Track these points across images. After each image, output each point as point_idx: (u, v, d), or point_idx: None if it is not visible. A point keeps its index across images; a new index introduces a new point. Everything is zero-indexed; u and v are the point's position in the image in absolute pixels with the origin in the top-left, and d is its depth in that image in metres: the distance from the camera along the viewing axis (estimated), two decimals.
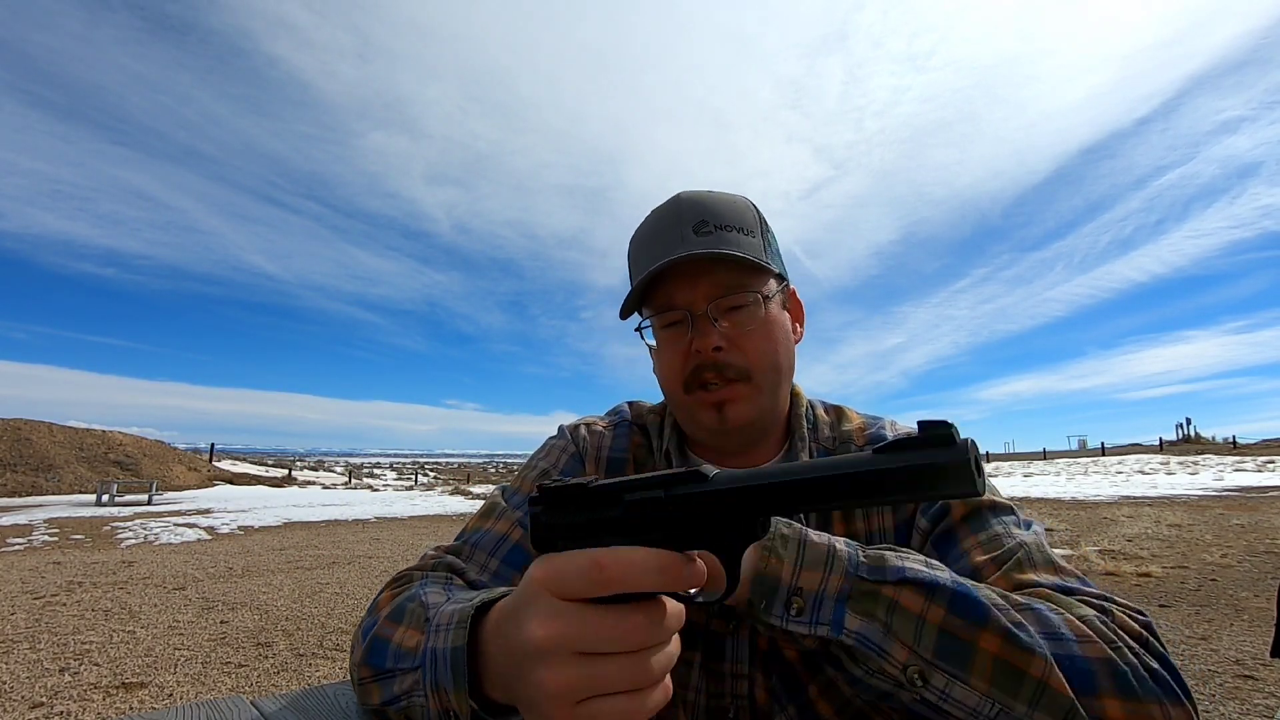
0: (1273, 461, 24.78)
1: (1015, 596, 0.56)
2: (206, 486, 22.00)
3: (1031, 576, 0.64)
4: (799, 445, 0.83)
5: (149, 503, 16.24)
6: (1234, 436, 39.62)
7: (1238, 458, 28.13)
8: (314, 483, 26.28)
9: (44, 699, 3.39)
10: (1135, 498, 15.15)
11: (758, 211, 0.83)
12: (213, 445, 29.47)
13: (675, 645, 0.42)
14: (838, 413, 0.88)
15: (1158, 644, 0.55)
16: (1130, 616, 0.57)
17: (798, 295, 0.87)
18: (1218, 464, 25.65)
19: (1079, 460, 34.74)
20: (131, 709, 3.29)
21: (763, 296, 0.77)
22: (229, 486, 22.58)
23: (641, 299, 0.82)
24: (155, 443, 25.16)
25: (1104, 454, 39.88)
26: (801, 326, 0.87)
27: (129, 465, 21.75)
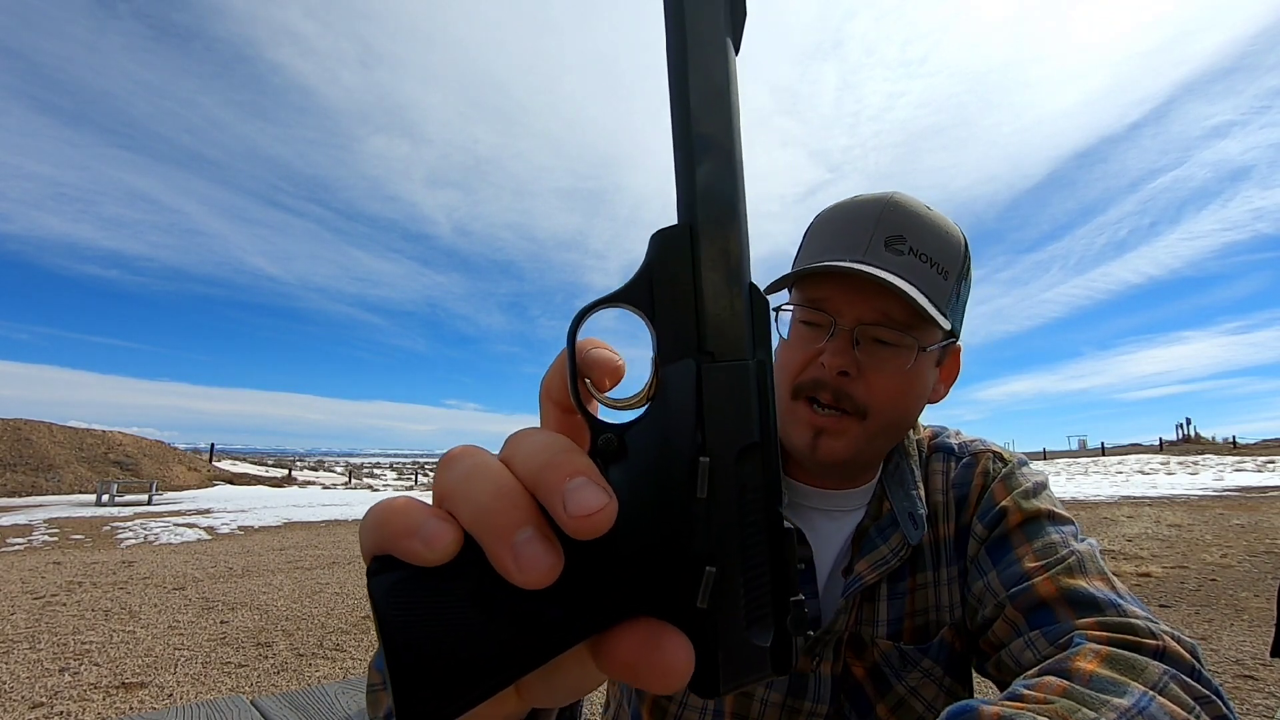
0: (1273, 461, 24.79)
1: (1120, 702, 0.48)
2: (206, 486, 21.99)
3: (1081, 583, 0.62)
4: (908, 470, 0.77)
5: (149, 503, 16.23)
6: (1234, 436, 39.64)
7: (1238, 458, 28.14)
8: (314, 483, 26.28)
9: (44, 699, 3.39)
10: (1135, 498, 15.16)
11: (966, 254, 0.72)
12: (213, 445, 29.48)
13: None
14: None
15: (1209, 679, 0.53)
16: (1181, 645, 0.55)
17: (959, 357, 0.78)
18: (1218, 464, 25.65)
19: (1079, 460, 34.76)
20: (131, 709, 3.29)
21: (919, 347, 0.68)
22: (229, 486, 22.57)
23: (795, 280, 0.74)
24: (155, 443, 25.15)
25: (1104, 454, 39.90)
26: (947, 389, 0.78)
27: (129, 465, 21.74)
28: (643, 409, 0.24)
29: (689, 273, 0.23)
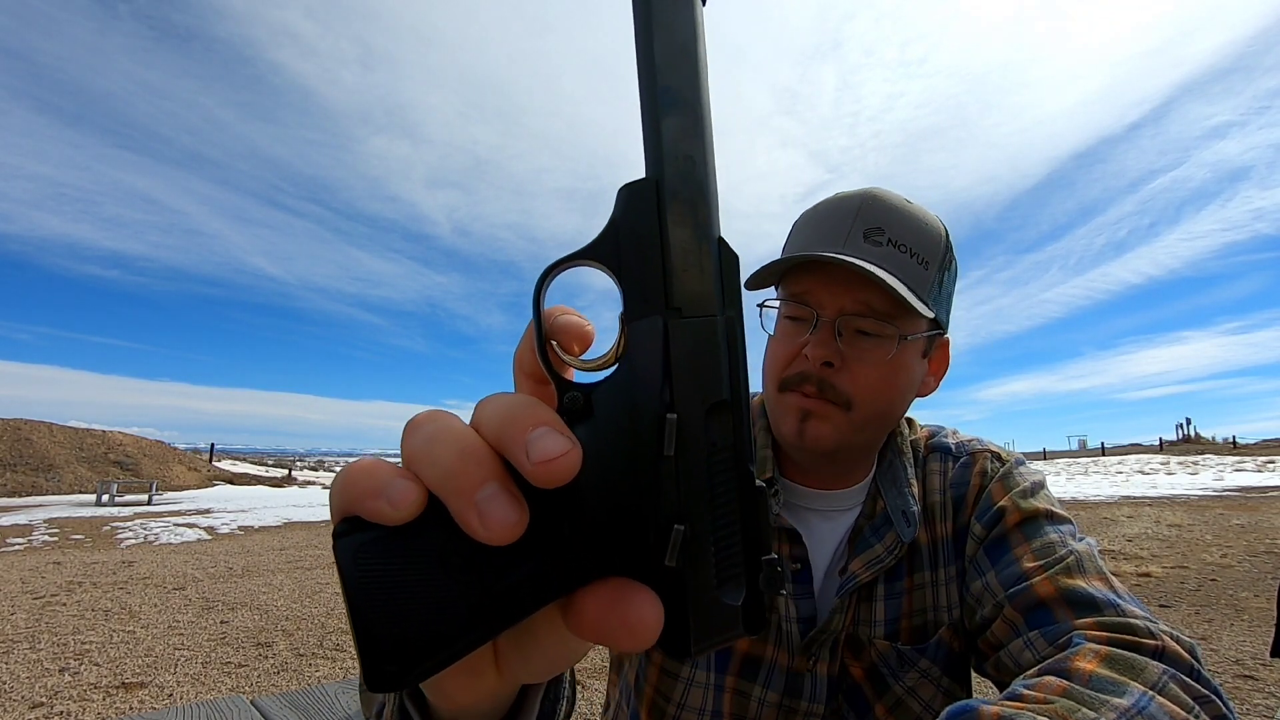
0: (1273, 461, 24.77)
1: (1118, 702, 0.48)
2: (206, 486, 21.99)
3: (1080, 583, 0.62)
4: (901, 468, 0.77)
5: (149, 503, 16.22)
6: (1234, 436, 39.65)
7: (1238, 458, 28.12)
8: (314, 483, 26.26)
9: (44, 699, 3.39)
10: (1135, 498, 15.15)
11: (947, 245, 0.72)
12: (213, 445, 29.48)
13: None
14: (908, 422, 0.85)
15: (1208, 678, 0.53)
16: (1180, 644, 0.55)
17: (948, 350, 0.78)
18: (1218, 464, 25.64)
19: (1079, 460, 34.76)
20: (131, 709, 3.29)
21: (900, 336, 0.69)
22: (229, 486, 22.57)
23: (778, 277, 0.75)
24: (155, 443, 25.15)
25: (1104, 454, 39.89)
26: (937, 381, 0.79)
27: (129, 465, 21.74)
28: (612, 369, 0.23)
29: (655, 228, 0.23)
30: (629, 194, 0.23)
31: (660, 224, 0.23)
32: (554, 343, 0.24)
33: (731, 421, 0.23)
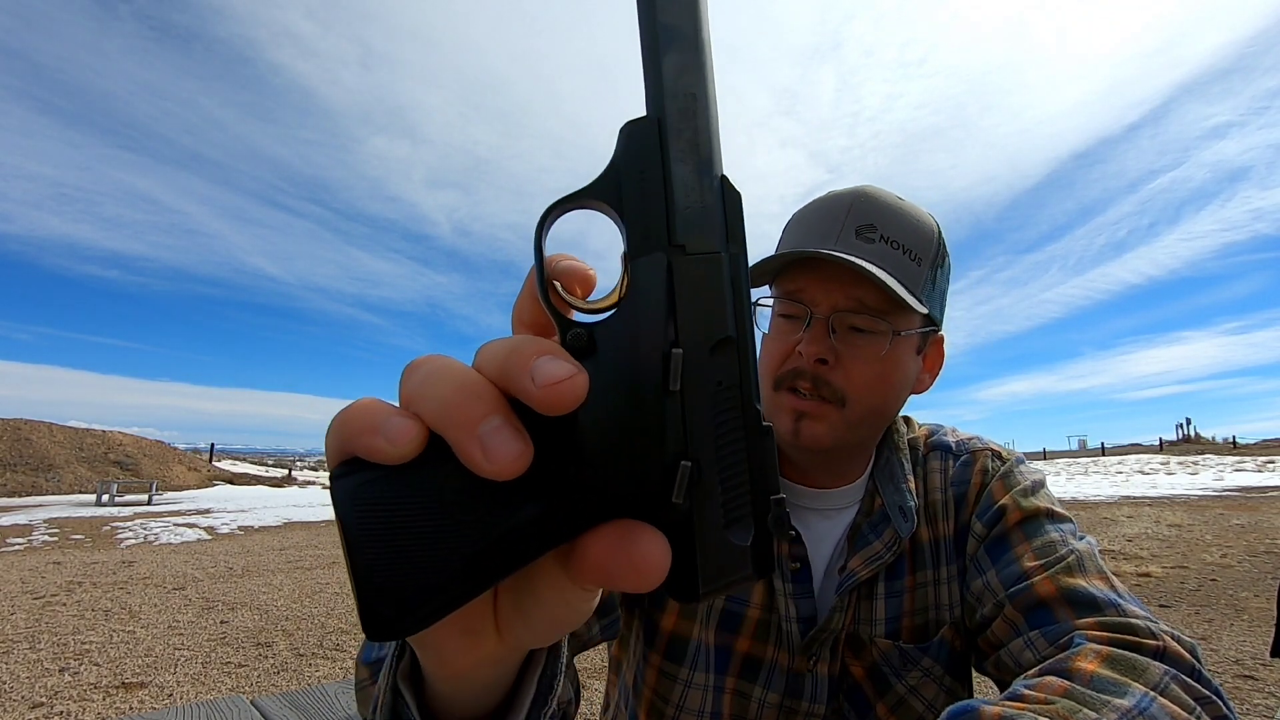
0: (1273, 461, 24.75)
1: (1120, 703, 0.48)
2: (206, 486, 21.98)
3: (1080, 582, 0.62)
4: (898, 464, 0.78)
5: (149, 503, 16.21)
6: (1234, 436, 39.66)
7: (1238, 458, 28.10)
8: (314, 483, 26.24)
9: (44, 699, 3.39)
10: (1135, 498, 15.14)
11: (940, 241, 0.73)
12: (213, 445, 29.46)
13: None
14: (906, 421, 0.85)
15: (1209, 679, 0.53)
16: (1181, 645, 0.55)
17: (943, 347, 0.78)
18: (1218, 464, 25.62)
19: (1079, 460, 34.74)
20: (131, 709, 3.29)
21: (894, 332, 0.68)
22: (229, 486, 22.56)
23: (772, 275, 0.75)
24: (155, 443, 25.13)
25: (1104, 454, 39.87)
26: (932, 379, 0.78)
27: (129, 465, 21.74)
28: (616, 309, 0.23)
29: (658, 166, 0.23)
30: (630, 132, 0.23)
31: (663, 161, 0.23)
32: (557, 283, 0.24)
33: (737, 358, 0.23)
